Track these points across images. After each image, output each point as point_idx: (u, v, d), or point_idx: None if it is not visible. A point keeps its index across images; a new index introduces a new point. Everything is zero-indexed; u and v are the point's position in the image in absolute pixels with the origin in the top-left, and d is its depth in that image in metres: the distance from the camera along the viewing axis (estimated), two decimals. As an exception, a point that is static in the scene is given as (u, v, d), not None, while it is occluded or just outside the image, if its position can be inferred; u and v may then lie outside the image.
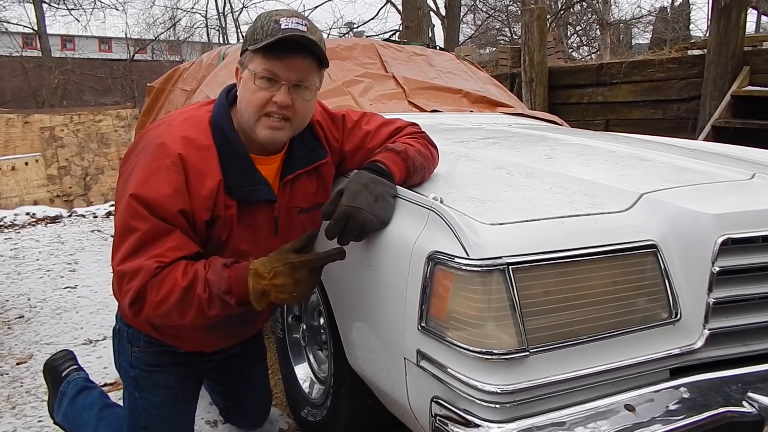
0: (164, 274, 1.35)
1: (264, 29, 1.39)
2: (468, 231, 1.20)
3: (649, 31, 17.59)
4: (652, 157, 1.80)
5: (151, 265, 1.34)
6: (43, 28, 15.77)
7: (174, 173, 1.38)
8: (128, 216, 1.37)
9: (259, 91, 1.41)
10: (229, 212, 1.46)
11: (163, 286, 1.34)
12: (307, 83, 1.44)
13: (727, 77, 4.72)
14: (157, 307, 1.36)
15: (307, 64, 1.43)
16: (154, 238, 1.37)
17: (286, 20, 1.39)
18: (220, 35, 21.18)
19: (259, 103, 1.41)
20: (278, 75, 1.40)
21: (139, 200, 1.36)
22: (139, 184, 1.37)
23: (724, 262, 1.33)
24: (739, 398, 1.27)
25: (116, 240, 1.40)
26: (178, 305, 1.35)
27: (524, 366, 1.18)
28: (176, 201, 1.38)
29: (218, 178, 1.43)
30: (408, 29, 8.64)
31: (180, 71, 4.06)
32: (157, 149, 1.40)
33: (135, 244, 1.36)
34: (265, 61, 1.39)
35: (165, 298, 1.34)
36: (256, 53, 1.40)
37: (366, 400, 1.74)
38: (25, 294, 3.86)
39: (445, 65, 3.47)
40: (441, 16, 17.23)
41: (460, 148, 1.92)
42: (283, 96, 1.40)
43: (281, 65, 1.40)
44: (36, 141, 7.07)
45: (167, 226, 1.38)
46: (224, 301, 1.37)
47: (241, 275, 1.38)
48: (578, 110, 5.96)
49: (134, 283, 1.34)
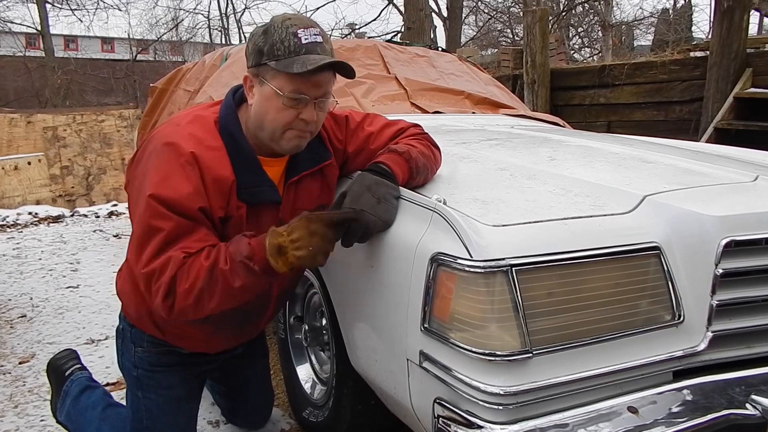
0: (190, 262, 1.34)
1: (284, 44, 1.38)
2: (471, 232, 1.20)
3: (651, 33, 17.58)
4: (654, 159, 1.80)
5: (178, 255, 1.34)
6: (47, 28, 15.82)
7: (190, 172, 1.39)
8: (150, 216, 1.36)
9: (287, 110, 1.42)
10: (239, 212, 1.47)
11: (190, 272, 1.34)
12: (328, 95, 1.47)
13: (729, 79, 4.72)
14: (188, 295, 1.34)
15: (329, 78, 1.45)
16: (179, 236, 1.36)
17: (304, 32, 1.39)
18: (223, 36, 21.24)
19: (287, 121, 1.43)
20: (306, 94, 1.41)
21: (159, 200, 1.35)
22: (158, 185, 1.37)
23: (727, 264, 1.33)
24: (743, 401, 1.27)
25: (138, 243, 1.38)
26: (206, 286, 1.34)
27: (527, 367, 1.18)
28: (196, 199, 1.38)
29: (232, 178, 1.44)
30: (410, 30, 8.64)
31: (183, 72, 4.06)
32: (169, 149, 1.40)
33: (160, 244, 1.35)
34: (292, 80, 1.39)
35: (193, 283, 1.33)
36: (281, 72, 1.39)
37: (368, 401, 1.74)
38: (28, 293, 3.86)
39: (447, 66, 3.47)
40: (443, 18, 17.26)
41: (462, 149, 1.92)
42: (310, 114, 1.43)
43: (309, 85, 1.41)
44: (39, 141, 7.08)
45: (190, 223, 1.38)
46: (247, 267, 1.35)
47: (260, 238, 1.37)
48: (580, 112, 5.96)
49: (164, 277, 1.34)
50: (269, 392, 2.09)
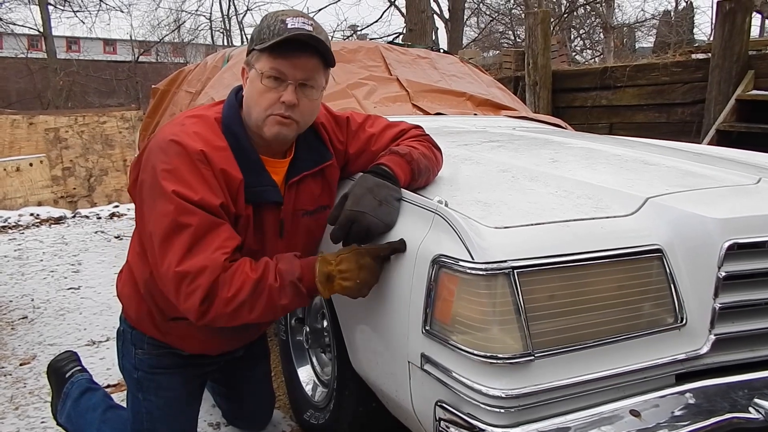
0: (234, 269, 1.33)
1: (270, 29, 1.40)
2: (473, 234, 1.20)
3: (652, 35, 17.57)
4: (657, 161, 1.79)
5: (218, 258, 1.33)
6: (49, 30, 15.85)
7: (204, 169, 1.38)
8: (175, 213, 1.34)
9: (268, 92, 1.42)
10: (247, 213, 1.47)
11: (234, 280, 1.32)
12: (313, 82, 1.45)
13: (731, 81, 4.72)
14: (228, 303, 1.33)
15: (313, 63, 1.44)
16: (208, 230, 1.35)
17: (292, 20, 1.40)
18: (225, 37, 21.28)
19: (267, 103, 1.42)
20: (285, 74, 1.41)
21: (182, 197, 1.34)
22: (177, 182, 1.35)
23: (730, 266, 1.32)
24: (746, 404, 1.26)
25: (162, 241, 1.35)
26: (249, 298, 1.33)
27: (529, 370, 1.17)
28: (217, 195, 1.38)
29: (240, 178, 1.44)
30: (412, 32, 8.66)
31: (184, 73, 4.07)
32: (179, 148, 1.39)
33: (190, 240, 1.33)
34: (271, 60, 1.40)
35: (237, 292, 1.32)
36: (263, 52, 1.41)
37: (369, 404, 1.74)
38: (29, 295, 3.86)
39: (449, 68, 3.47)
40: (444, 19, 17.28)
41: (464, 151, 1.92)
42: (290, 95, 1.41)
43: (288, 64, 1.41)
44: (41, 142, 7.09)
45: (215, 219, 1.37)
46: (296, 288, 1.35)
47: (310, 262, 1.38)
48: (582, 113, 5.95)
49: (202, 281, 1.31)
50: (270, 394, 2.09)
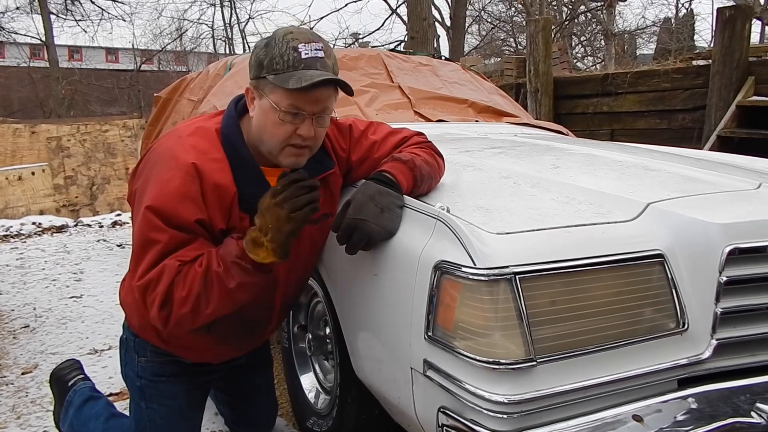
0: (186, 270, 1.35)
1: (284, 59, 1.37)
2: (475, 240, 1.20)
3: (653, 42, 17.60)
4: (658, 167, 1.80)
5: (173, 264, 1.35)
6: (51, 39, 15.90)
7: (189, 183, 1.39)
8: (146, 229, 1.37)
9: (284, 125, 1.41)
10: (243, 224, 1.47)
11: (186, 280, 1.35)
12: (327, 111, 1.45)
13: (732, 87, 4.72)
14: (184, 303, 1.35)
15: (328, 93, 1.43)
16: (175, 248, 1.37)
17: (305, 47, 1.38)
18: (227, 46, 21.31)
19: (284, 136, 1.42)
20: (303, 110, 1.40)
21: (155, 212, 1.37)
22: (155, 197, 1.38)
23: (731, 271, 1.33)
24: (748, 409, 1.26)
25: (136, 255, 1.40)
26: (203, 292, 1.35)
27: (531, 376, 1.17)
28: (193, 211, 1.39)
29: (233, 190, 1.44)
30: (413, 40, 8.67)
31: (187, 81, 4.08)
32: (170, 161, 1.41)
33: (156, 256, 1.36)
34: (288, 95, 1.38)
35: (190, 290, 1.34)
36: (278, 87, 1.38)
37: (372, 411, 1.74)
38: (31, 303, 3.86)
39: (450, 75, 3.48)
40: (446, 27, 17.33)
41: (466, 157, 1.92)
42: (307, 129, 1.41)
43: (306, 100, 1.39)
44: (43, 151, 7.11)
45: (186, 236, 1.39)
46: (239, 266, 1.36)
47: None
48: (583, 120, 5.95)
49: (160, 287, 1.35)
50: (273, 402, 2.09)
